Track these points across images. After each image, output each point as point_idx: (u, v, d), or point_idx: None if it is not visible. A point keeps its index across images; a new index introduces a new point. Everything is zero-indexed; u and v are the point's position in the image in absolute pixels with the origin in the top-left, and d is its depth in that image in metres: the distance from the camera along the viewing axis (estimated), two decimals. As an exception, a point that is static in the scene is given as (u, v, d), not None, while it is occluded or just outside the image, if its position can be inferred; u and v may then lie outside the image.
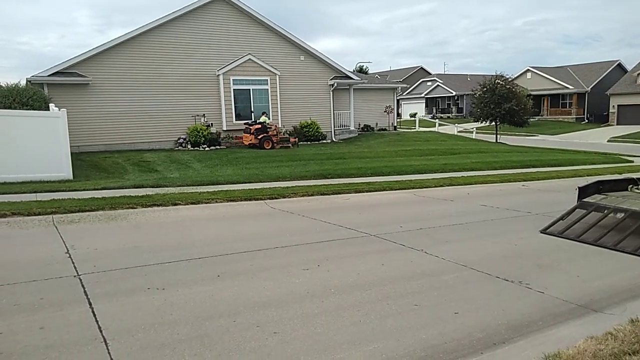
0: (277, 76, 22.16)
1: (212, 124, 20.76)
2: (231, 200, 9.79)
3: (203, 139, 19.91)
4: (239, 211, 9.22)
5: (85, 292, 4.76)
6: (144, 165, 15.83)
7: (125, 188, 10.88)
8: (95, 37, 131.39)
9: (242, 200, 9.86)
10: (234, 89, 21.35)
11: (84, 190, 10.48)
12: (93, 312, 4.29)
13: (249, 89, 21.76)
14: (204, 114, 20.75)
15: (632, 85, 42.85)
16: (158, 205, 9.10)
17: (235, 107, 21.50)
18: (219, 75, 20.97)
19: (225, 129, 21.22)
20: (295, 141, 21.37)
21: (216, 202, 9.62)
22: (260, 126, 20.23)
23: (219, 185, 11.56)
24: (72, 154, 12.72)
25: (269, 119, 21.30)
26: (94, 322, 4.07)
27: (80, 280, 5.10)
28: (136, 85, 19.50)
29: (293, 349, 3.69)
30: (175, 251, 6.27)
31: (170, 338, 3.82)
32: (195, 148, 19.72)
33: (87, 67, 18.51)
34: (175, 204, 9.26)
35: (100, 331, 3.91)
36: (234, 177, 12.75)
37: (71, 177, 12.18)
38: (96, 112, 18.78)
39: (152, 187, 11.14)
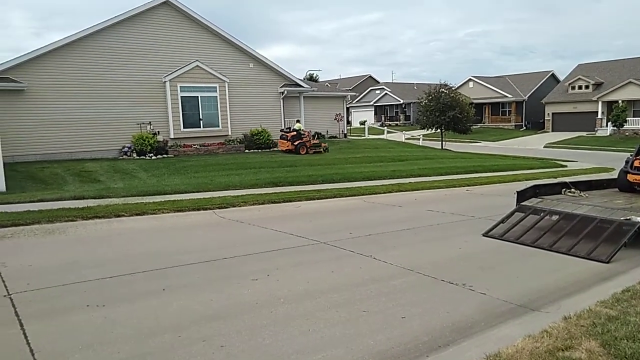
0: (226, 83, 21.88)
1: (158, 132, 20.14)
2: (179, 211, 9.53)
3: (149, 147, 19.29)
4: (187, 222, 8.99)
5: (16, 312, 4.46)
6: (86, 175, 15.12)
7: (65, 200, 10.33)
8: (32, 40, 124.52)
9: (190, 211, 9.62)
10: (181, 96, 20.86)
11: (18, 202, 9.85)
12: (25, 333, 4.02)
13: (197, 96, 21.34)
14: (150, 122, 20.12)
15: (564, 94, 45.74)
16: (100, 217, 8.70)
17: (183, 114, 21.00)
18: (165, 82, 20.43)
19: (172, 136, 20.67)
20: (325, 147, 22.73)
21: (163, 212, 9.33)
22: (295, 133, 21.79)
23: (166, 195, 11.23)
24: (5, 164, 11.96)
25: (303, 126, 23.01)
26: (25, 345, 3.81)
27: (11, 299, 4.78)
28: (77, 92, 18.60)
29: (240, 362, 3.61)
30: (117, 265, 6.01)
31: (110, 358, 3.64)
32: (141, 157, 19.06)
33: (22, 72, 17.47)
34: (119, 216, 8.89)
35: (32, 354, 3.67)
36: (181, 187, 12.42)
37: (4, 189, 11.44)
38: (32, 119, 17.74)
39: (94, 198, 10.65)
